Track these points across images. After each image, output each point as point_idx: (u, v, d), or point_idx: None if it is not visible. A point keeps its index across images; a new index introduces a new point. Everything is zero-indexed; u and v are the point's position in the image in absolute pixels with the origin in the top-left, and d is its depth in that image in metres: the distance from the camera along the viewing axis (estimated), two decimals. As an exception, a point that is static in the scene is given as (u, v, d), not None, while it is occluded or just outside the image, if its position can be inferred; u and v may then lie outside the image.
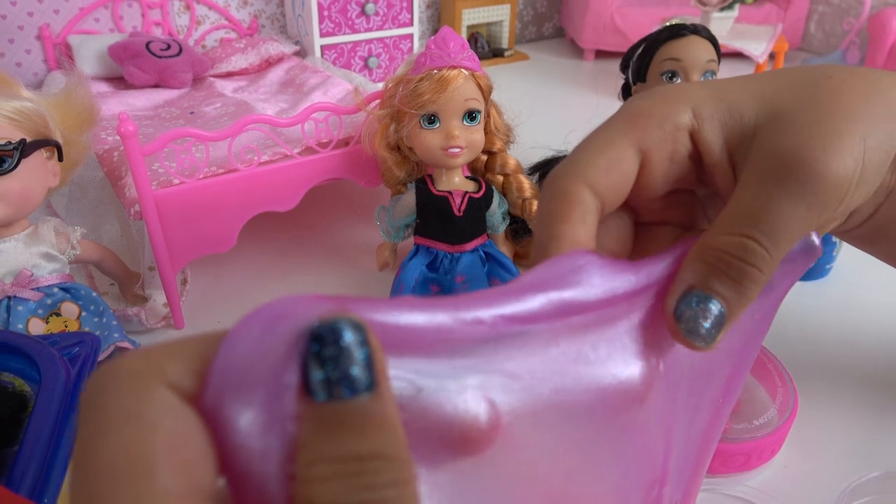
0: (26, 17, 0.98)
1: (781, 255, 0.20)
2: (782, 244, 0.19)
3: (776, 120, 0.21)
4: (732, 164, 0.22)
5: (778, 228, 0.19)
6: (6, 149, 0.35)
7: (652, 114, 0.21)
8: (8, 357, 0.28)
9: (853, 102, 0.21)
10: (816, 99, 0.21)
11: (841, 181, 0.20)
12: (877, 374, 0.40)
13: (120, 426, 0.10)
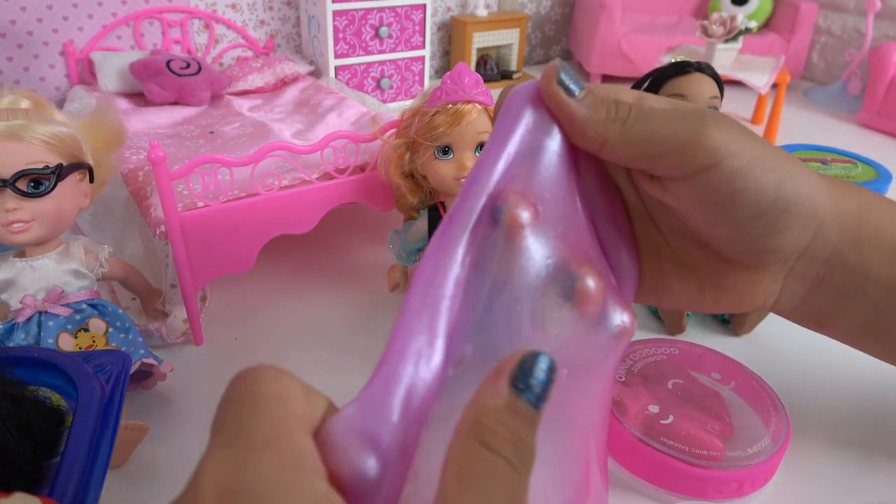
0: (51, 34, 1.01)
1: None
2: None
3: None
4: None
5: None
6: (44, 172, 0.37)
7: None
8: (45, 373, 0.30)
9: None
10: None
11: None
12: (868, 405, 0.41)
13: (270, 379, 0.17)
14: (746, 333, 0.48)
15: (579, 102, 0.23)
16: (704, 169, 0.24)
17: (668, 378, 0.39)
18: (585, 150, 0.25)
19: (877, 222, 0.28)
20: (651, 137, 0.24)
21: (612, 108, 0.24)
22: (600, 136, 0.24)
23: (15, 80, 1.02)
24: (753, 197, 0.25)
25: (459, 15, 1.34)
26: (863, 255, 0.28)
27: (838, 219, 0.28)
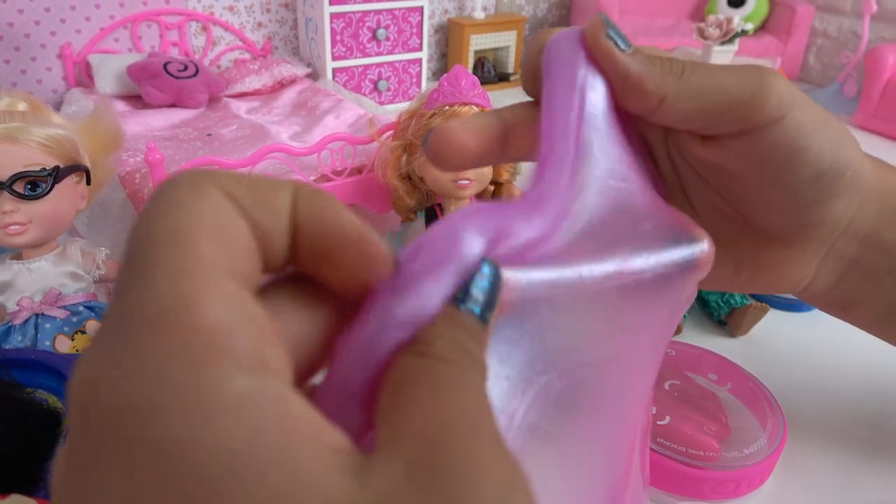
0: (48, 36, 1.01)
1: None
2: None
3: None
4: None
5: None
6: (41, 175, 0.37)
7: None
8: (42, 375, 0.30)
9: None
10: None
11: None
12: (864, 406, 0.42)
13: (173, 208, 0.11)
14: (743, 335, 0.49)
15: (631, 58, 0.21)
16: (771, 122, 0.22)
17: (665, 379, 0.39)
18: (636, 112, 0.22)
19: None
20: (714, 89, 0.22)
21: (666, 63, 0.22)
22: (659, 91, 0.21)
23: (12, 83, 1.02)
24: (816, 156, 0.23)
25: (457, 17, 1.35)
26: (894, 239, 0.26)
27: (879, 195, 0.26)
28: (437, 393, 0.12)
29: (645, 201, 0.22)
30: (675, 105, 0.22)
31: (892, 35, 1.24)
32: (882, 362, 0.46)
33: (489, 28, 1.34)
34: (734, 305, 0.48)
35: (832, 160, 0.23)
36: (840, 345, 0.48)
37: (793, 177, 0.23)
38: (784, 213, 0.25)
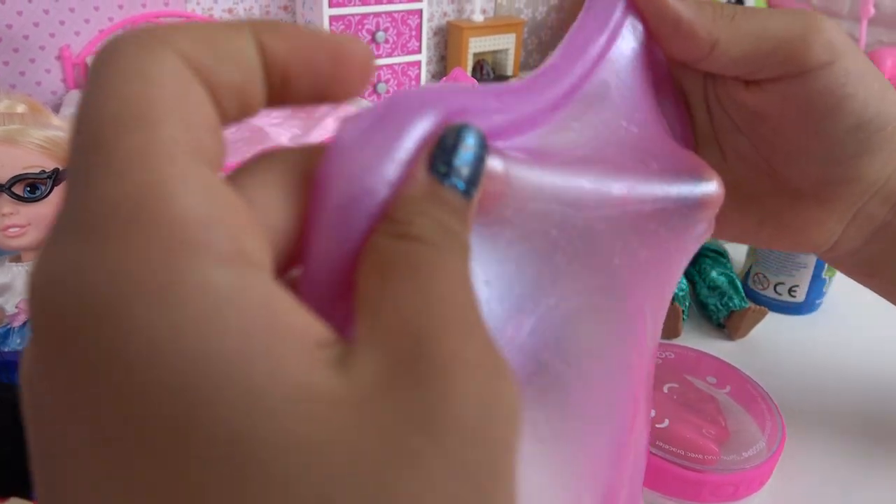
0: (47, 38, 1.01)
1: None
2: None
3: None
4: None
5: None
6: (40, 177, 0.38)
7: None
8: (41, 377, 0.30)
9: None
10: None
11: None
12: (864, 409, 0.42)
13: (125, 81, 0.10)
14: (741, 338, 0.49)
15: (683, 4, 0.21)
16: (819, 67, 0.22)
17: (664, 382, 0.39)
18: (687, 58, 0.23)
19: None
20: (765, 32, 0.22)
21: (717, 8, 0.22)
22: (711, 36, 0.21)
23: (11, 85, 1.02)
24: (861, 105, 0.23)
25: (456, 20, 1.35)
26: None
27: None
28: (419, 279, 0.11)
29: (659, 147, 0.21)
30: (728, 50, 0.22)
31: (889, 38, 1.24)
32: (881, 365, 0.46)
33: (488, 31, 1.34)
34: (733, 308, 0.48)
35: (875, 112, 0.23)
36: (839, 348, 0.48)
37: (835, 125, 0.23)
38: (820, 165, 0.24)
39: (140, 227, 0.09)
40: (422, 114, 0.13)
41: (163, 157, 0.10)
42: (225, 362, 0.09)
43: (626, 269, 0.19)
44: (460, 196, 0.13)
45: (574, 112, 0.19)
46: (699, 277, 0.52)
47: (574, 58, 0.19)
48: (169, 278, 0.09)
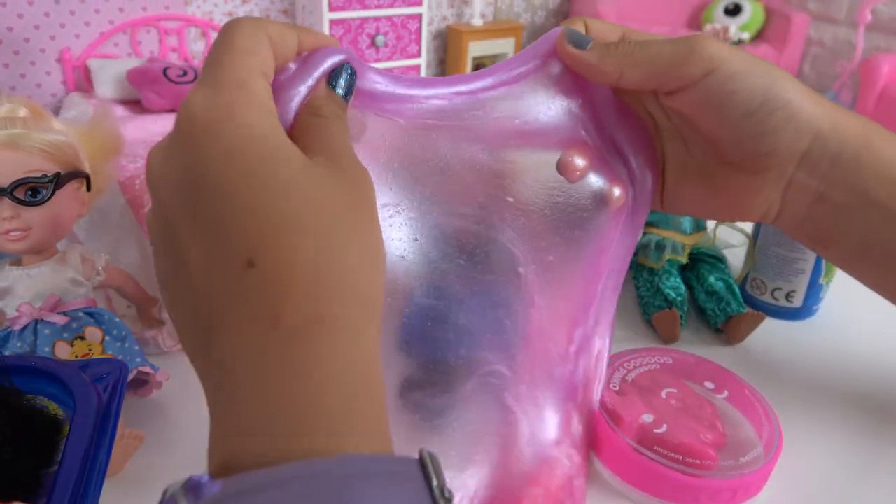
0: (48, 41, 1.01)
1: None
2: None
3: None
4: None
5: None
6: (42, 181, 0.38)
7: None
8: (42, 382, 0.30)
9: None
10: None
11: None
12: (861, 414, 0.42)
13: (244, 37, 0.22)
14: (739, 343, 0.49)
15: (591, 52, 0.30)
16: (703, 76, 0.29)
17: (661, 387, 0.39)
18: (606, 85, 0.31)
19: (879, 149, 0.31)
20: (657, 59, 0.29)
21: (619, 47, 0.30)
22: (616, 69, 0.30)
23: (11, 87, 1.02)
24: (746, 96, 0.29)
25: (455, 24, 1.36)
26: (862, 176, 0.31)
27: (838, 136, 0.30)
28: (326, 131, 0.23)
29: (552, 136, 0.32)
30: (632, 76, 0.30)
31: (886, 45, 1.25)
32: (878, 370, 0.46)
33: (487, 35, 1.35)
34: (731, 314, 0.49)
35: (761, 101, 0.29)
36: (836, 353, 0.48)
37: (730, 114, 0.30)
38: (736, 146, 0.31)
39: (239, 94, 0.21)
40: (328, 59, 0.25)
41: (254, 71, 0.22)
42: (258, 158, 0.20)
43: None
44: (342, 97, 0.25)
45: (477, 104, 0.30)
46: (697, 283, 0.52)
47: (491, 73, 0.30)
48: (243, 121, 0.20)
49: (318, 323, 0.17)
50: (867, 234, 0.32)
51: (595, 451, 0.37)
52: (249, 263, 0.18)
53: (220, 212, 0.19)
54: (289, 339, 0.17)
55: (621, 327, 0.50)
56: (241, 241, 0.18)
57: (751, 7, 1.34)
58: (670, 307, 0.48)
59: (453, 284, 0.31)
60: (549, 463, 0.33)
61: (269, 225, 0.18)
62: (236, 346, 0.18)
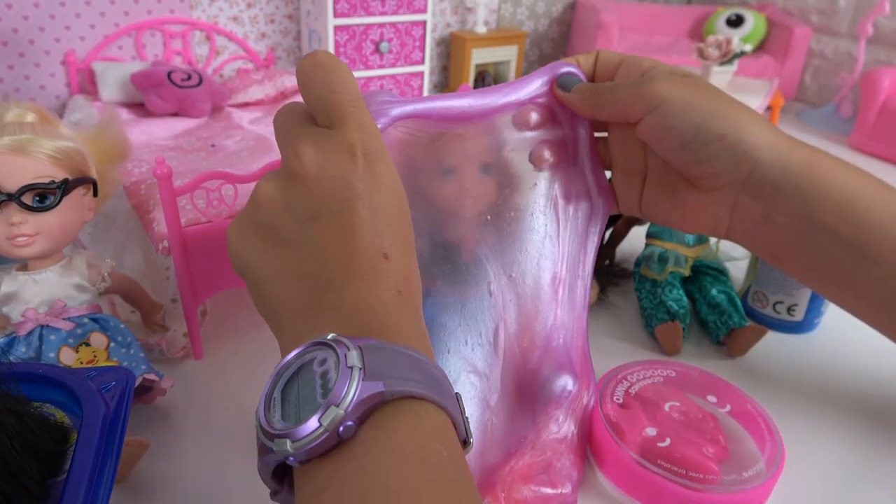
0: (53, 43, 1.01)
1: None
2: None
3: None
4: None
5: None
6: (50, 187, 0.38)
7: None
8: (49, 389, 0.30)
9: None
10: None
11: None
12: (862, 428, 0.42)
13: (343, 75, 0.29)
14: (741, 355, 0.49)
15: (573, 94, 0.37)
16: (646, 113, 0.35)
17: (665, 400, 0.39)
18: (588, 117, 0.39)
19: (823, 177, 0.34)
20: (617, 100, 0.36)
21: (593, 92, 0.37)
22: (589, 109, 0.37)
23: (15, 88, 1.02)
24: (680, 131, 0.34)
25: (459, 31, 1.36)
26: (806, 202, 0.34)
27: (781, 165, 0.34)
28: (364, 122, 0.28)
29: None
30: (601, 114, 0.37)
31: (887, 57, 1.25)
32: (879, 384, 0.46)
33: (490, 42, 1.35)
34: (732, 327, 0.49)
35: (694, 135, 0.34)
36: (837, 366, 0.48)
37: (670, 145, 0.35)
38: (682, 168, 0.36)
39: (365, 161, 0.27)
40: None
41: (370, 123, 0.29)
42: (394, 191, 0.28)
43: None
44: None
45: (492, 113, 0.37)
46: (699, 295, 0.52)
47: (503, 93, 0.37)
48: (388, 164, 0.29)
49: (414, 305, 0.27)
50: (816, 253, 0.35)
51: (599, 463, 0.37)
52: (386, 256, 0.26)
53: (375, 217, 0.27)
54: (404, 302, 0.26)
55: (623, 338, 0.50)
56: (382, 241, 0.27)
57: (753, 18, 1.34)
58: (673, 319, 0.49)
59: (440, 288, 0.37)
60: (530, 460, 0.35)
61: (396, 235, 0.27)
62: (380, 298, 0.26)
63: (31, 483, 0.25)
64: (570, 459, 0.36)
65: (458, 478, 0.22)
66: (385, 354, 0.23)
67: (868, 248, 0.34)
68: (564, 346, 0.38)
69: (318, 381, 0.22)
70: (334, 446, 0.21)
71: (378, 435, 0.21)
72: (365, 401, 0.21)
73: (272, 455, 0.21)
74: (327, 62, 0.28)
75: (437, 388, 0.23)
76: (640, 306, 0.52)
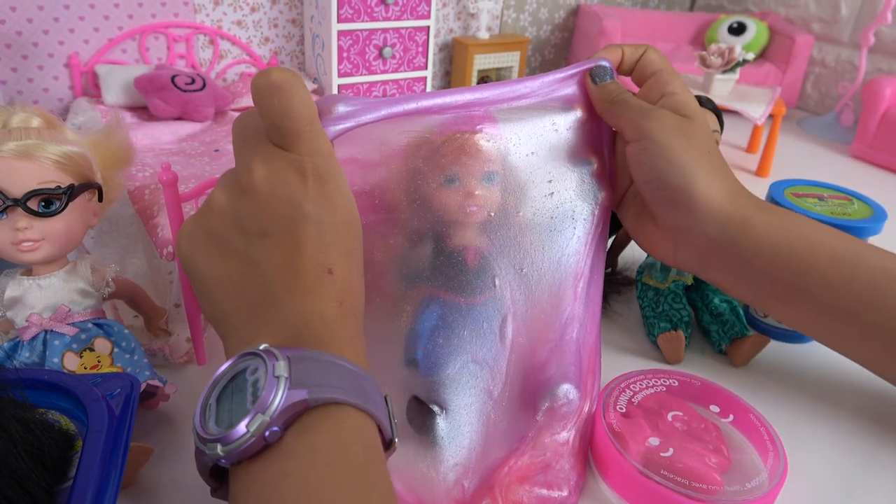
0: (56, 45, 1.01)
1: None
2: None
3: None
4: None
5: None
6: (56, 192, 0.38)
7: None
8: (54, 396, 0.30)
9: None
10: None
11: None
12: (864, 439, 0.42)
13: (302, 93, 0.29)
14: (743, 365, 0.49)
15: (597, 89, 0.41)
16: (632, 140, 0.40)
17: (668, 410, 0.39)
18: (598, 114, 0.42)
19: (757, 233, 0.38)
20: (619, 116, 0.40)
21: (609, 98, 0.40)
22: (600, 110, 0.41)
23: (18, 91, 1.02)
24: (647, 168, 0.39)
25: (461, 37, 1.36)
26: (741, 255, 0.39)
27: (719, 222, 0.39)
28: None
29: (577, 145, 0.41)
30: (608, 119, 0.41)
31: (889, 67, 1.26)
32: (881, 395, 0.46)
33: (493, 48, 1.35)
34: (735, 336, 0.49)
35: (655, 177, 0.39)
36: (839, 376, 0.48)
37: (638, 177, 0.40)
38: (645, 200, 0.41)
39: (316, 182, 0.29)
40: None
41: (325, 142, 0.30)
42: (344, 207, 0.30)
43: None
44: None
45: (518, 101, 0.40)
46: (702, 304, 0.53)
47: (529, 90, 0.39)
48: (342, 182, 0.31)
49: (354, 316, 0.29)
50: (755, 290, 0.40)
51: (601, 472, 0.37)
52: (330, 271, 0.28)
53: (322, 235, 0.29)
54: (344, 314, 0.28)
55: (626, 347, 0.50)
56: (327, 257, 0.28)
57: (755, 26, 1.35)
58: (675, 328, 0.49)
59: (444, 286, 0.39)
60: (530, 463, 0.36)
61: (342, 251, 0.29)
62: (319, 311, 0.27)
63: (37, 490, 0.25)
64: (570, 463, 0.36)
65: (373, 477, 0.24)
66: (312, 364, 0.24)
67: (805, 291, 0.39)
68: (577, 339, 0.38)
69: (249, 389, 0.23)
70: (261, 449, 0.23)
71: (300, 439, 0.23)
72: (289, 408, 0.23)
73: (206, 457, 0.23)
74: (285, 83, 0.28)
75: (362, 393, 0.25)
76: (642, 315, 0.52)
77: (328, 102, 0.32)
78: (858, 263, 0.38)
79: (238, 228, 0.28)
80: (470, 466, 0.34)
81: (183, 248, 0.30)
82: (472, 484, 0.33)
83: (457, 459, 0.34)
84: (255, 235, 0.28)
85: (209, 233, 0.29)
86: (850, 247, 0.39)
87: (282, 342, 0.26)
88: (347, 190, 0.30)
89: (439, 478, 0.33)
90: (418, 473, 0.33)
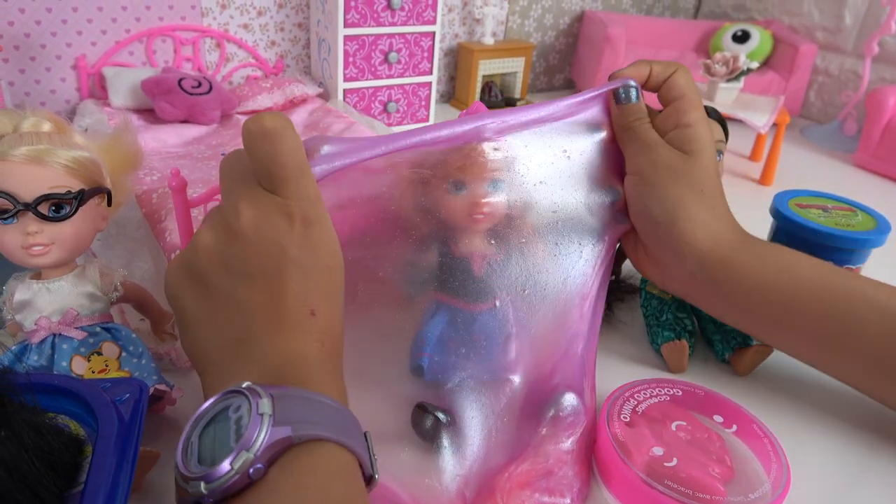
0: (64, 48, 1.02)
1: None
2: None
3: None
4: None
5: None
6: (66, 197, 0.38)
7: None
8: (64, 400, 0.30)
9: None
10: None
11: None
12: (867, 450, 0.42)
13: (291, 140, 0.30)
14: (745, 374, 0.49)
15: (616, 109, 0.42)
16: (631, 171, 0.42)
17: (671, 419, 0.39)
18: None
19: (737, 270, 0.41)
20: (628, 143, 0.42)
21: (623, 124, 0.42)
22: (615, 131, 0.43)
23: (26, 92, 1.03)
24: (634, 200, 0.42)
25: (467, 42, 1.37)
26: (720, 290, 0.41)
27: (699, 259, 0.41)
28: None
29: (594, 172, 0.43)
30: (620, 143, 0.43)
31: (892, 76, 1.26)
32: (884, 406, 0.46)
33: (498, 54, 1.36)
34: (738, 345, 0.49)
35: (642, 209, 0.42)
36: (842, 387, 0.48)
37: (630, 207, 0.43)
38: (644, 241, 0.44)
39: (302, 226, 0.30)
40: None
41: (313, 189, 0.31)
42: (329, 252, 0.31)
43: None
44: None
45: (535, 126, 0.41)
46: (705, 313, 0.53)
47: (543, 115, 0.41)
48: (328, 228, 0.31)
49: (335, 355, 0.30)
50: (738, 320, 0.43)
51: (605, 482, 0.37)
52: (313, 312, 0.29)
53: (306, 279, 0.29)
54: (325, 354, 0.29)
55: (629, 355, 0.50)
56: (309, 298, 0.29)
57: (759, 35, 1.35)
58: (679, 337, 0.49)
59: (449, 302, 0.39)
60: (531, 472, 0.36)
61: (324, 293, 0.30)
62: (301, 350, 0.28)
63: (48, 495, 0.25)
64: (574, 470, 0.36)
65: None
66: (296, 402, 0.25)
67: (786, 322, 0.41)
68: (581, 354, 0.38)
69: (233, 427, 0.24)
70: (245, 486, 0.23)
71: (284, 476, 0.23)
72: (273, 445, 0.23)
73: (188, 495, 0.23)
74: (276, 130, 0.28)
75: (343, 430, 0.25)
76: (645, 323, 0.53)
77: (314, 143, 0.33)
78: (840, 295, 0.39)
79: (224, 268, 0.29)
80: (472, 474, 0.34)
81: (170, 284, 0.31)
82: (472, 492, 0.34)
83: (459, 469, 0.34)
84: (240, 276, 0.28)
85: (195, 271, 0.30)
86: (832, 279, 0.40)
87: (263, 380, 0.26)
88: (333, 234, 0.30)
89: (442, 487, 0.33)
90: (421, 483, 0.34)
